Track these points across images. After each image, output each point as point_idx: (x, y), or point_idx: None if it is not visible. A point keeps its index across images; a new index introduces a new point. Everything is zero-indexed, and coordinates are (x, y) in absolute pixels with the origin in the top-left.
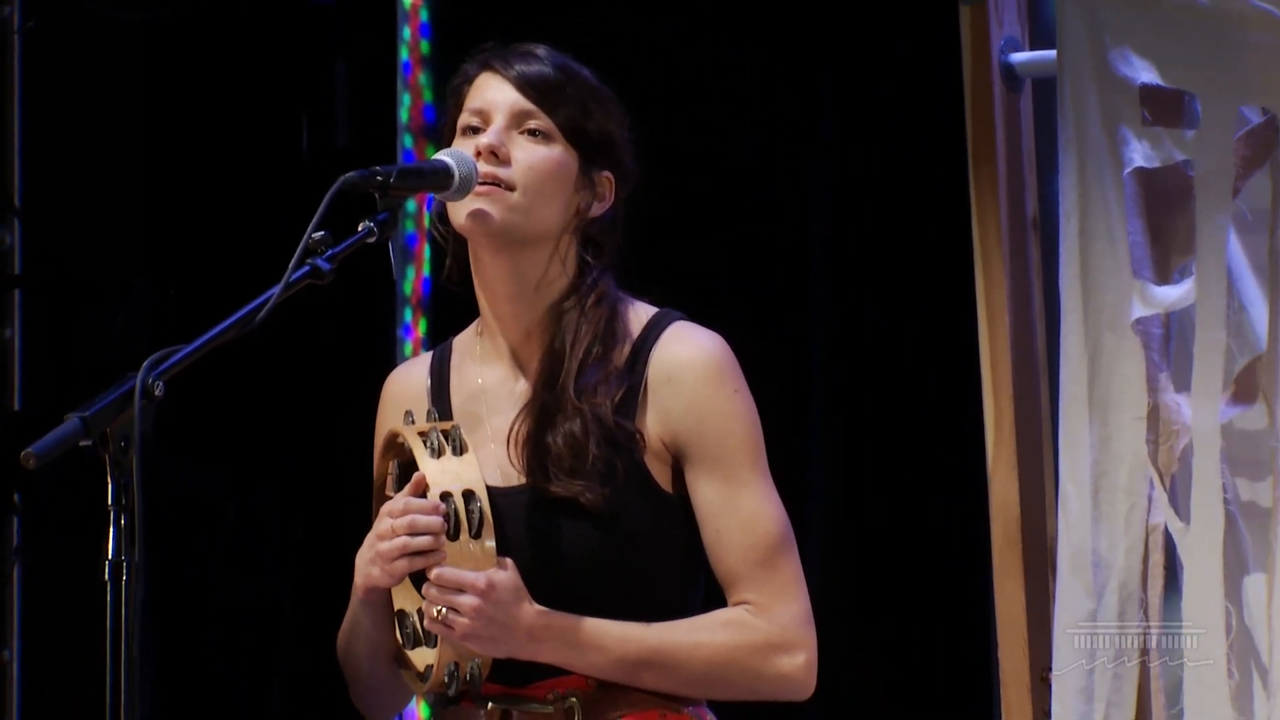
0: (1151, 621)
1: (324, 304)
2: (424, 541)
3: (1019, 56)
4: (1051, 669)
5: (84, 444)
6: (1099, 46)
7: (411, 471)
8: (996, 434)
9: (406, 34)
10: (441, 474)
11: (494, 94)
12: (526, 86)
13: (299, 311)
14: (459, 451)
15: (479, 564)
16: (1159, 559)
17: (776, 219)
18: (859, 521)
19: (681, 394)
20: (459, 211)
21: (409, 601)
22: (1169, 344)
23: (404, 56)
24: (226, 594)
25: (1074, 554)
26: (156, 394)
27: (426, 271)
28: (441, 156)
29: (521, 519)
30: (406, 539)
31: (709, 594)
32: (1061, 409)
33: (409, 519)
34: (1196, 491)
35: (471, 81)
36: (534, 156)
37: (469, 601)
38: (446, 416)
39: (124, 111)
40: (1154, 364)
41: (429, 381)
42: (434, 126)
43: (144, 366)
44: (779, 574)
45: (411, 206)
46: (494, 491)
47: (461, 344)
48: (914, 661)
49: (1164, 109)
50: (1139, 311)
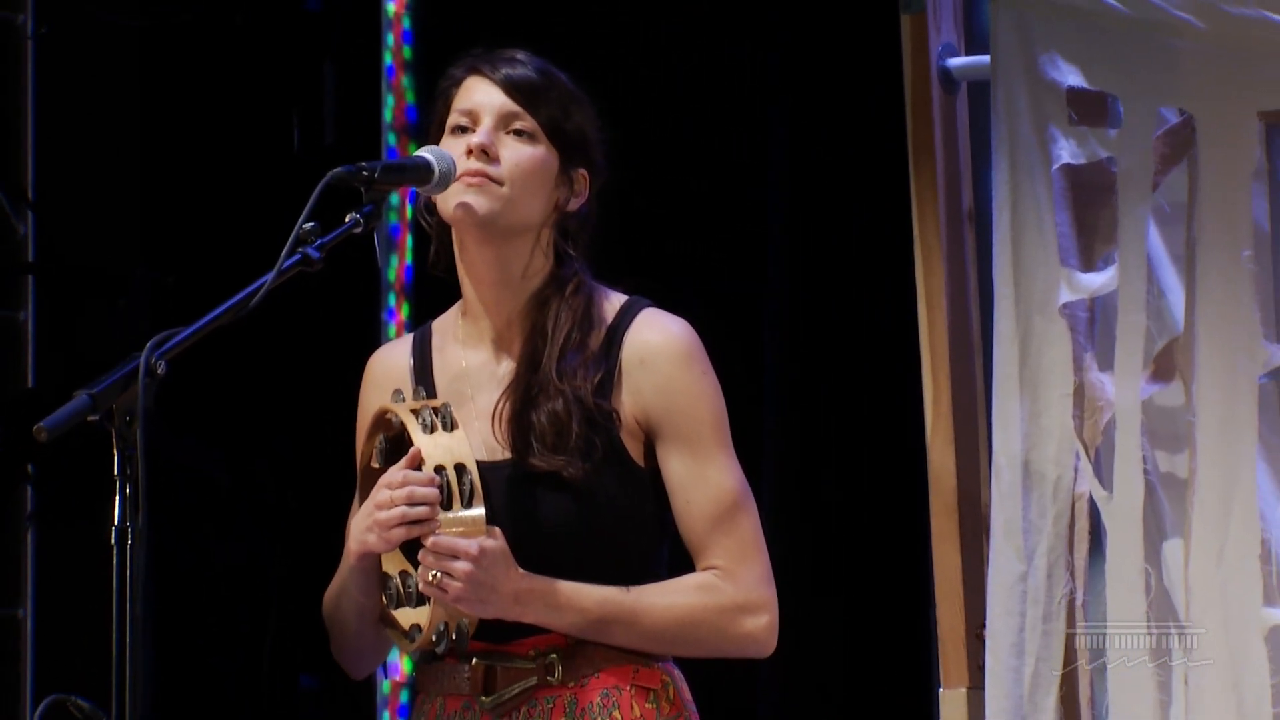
0: (1077, 583)
1: (314, 290)
2: (421, 511)
3: (955, 61)
4: (986, 626)
5: (92, 419)
6: (1029, 52)
7: (398, 447)
8: (934, 410)
9: (390, 40)
10: (435, 448)
11: (482, 96)
12: (513, 89)
13: (291, 297)
14: (450, 428)
15: (469, 533)
16: (1084, 525)
17: (734, 213)
18: (808, 492)
19: (653, 376)
20: (450, 203)
21: (395, 566)
22: (1093, 327)
23: (388, 61)
24: (222, 558)
25: (1006, 521)
26: (159, 372)
27: (409, 260)
28: (422, 153)
29: (506, 491)
30: (405, 509)
31: (676, 561)
32: (995, 387)
33: (408, 490)
34: (1119, 463)
35: (459, 84)
36: (520, 155)
37: (462, 567)
38: (432, 395)
39: (128, 111)
40: (1080, 345)
41: (411, 362)
42: (416, 125)
43: (147, 347)
44: (744, 541)
45: (395, 200)
46: (480, 465)
47: (442, 327)
48: (860, 620)
49: (1089, 110)
50: (1066, 297)
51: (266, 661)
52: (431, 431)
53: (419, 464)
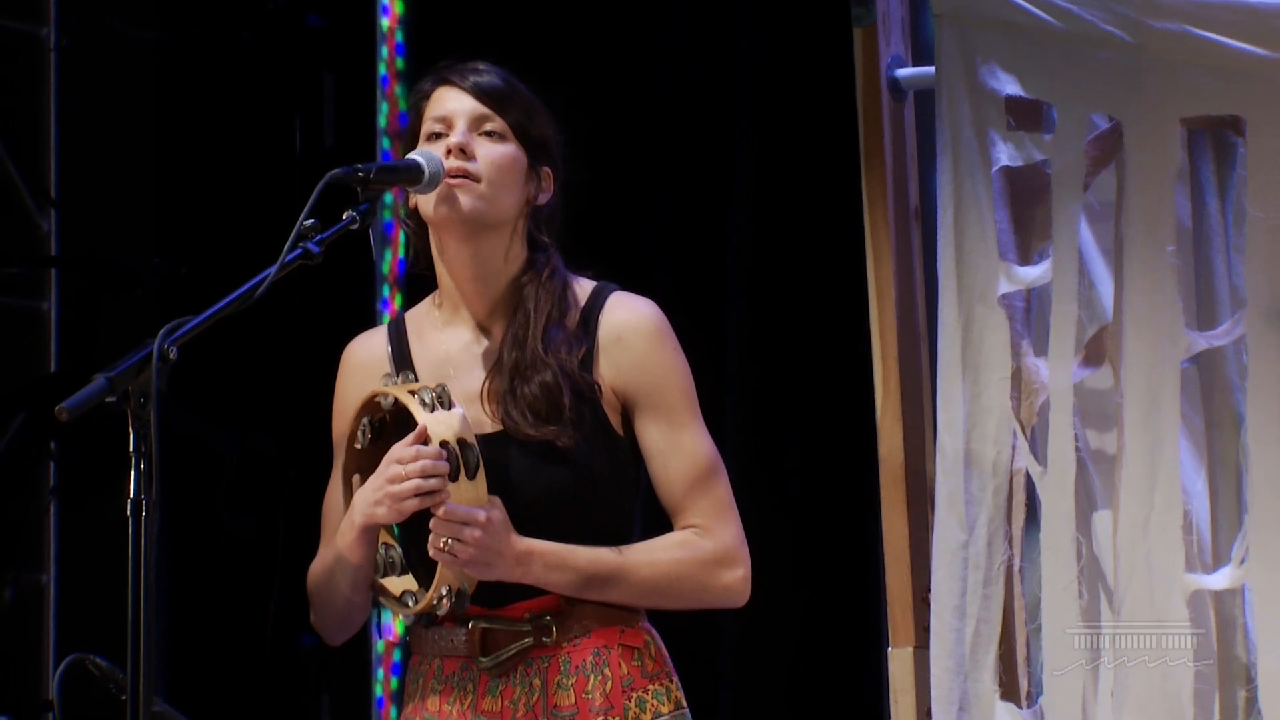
0: (1014, 550)
1: (314, 281)
2: (434, 483)
3: (903, 72)
4: (930, 590)
5: (109, 400)
6: (971, 63)
7: (383, 429)
8: (884, 391)
9: (384, 52)
10: (439, 425)
11: (454, 103)
12: (482, 95)
13: (293, 288)
14: (448, 406)
15: (473, 502)
16: (1021, 498)
17: (699, 208)
18: (768, 467)
19: (629, 352)
20: (431, 203)
21: (383, 537)
22: (1030, 316)
23: (382, 71)
24: (229, 526)
25: (949, 493)
26: (171, 357)
27: (401, 254)
28: (413, 156)
29: (498, 461)
30: (419, 481)
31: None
32: (939, 370)
33: (421, 464)
34: (1052, 441)
35: (429, 96)
36: (494, 153)
37: (473, 534)
38: (417, 379)
39: (143, 116)
40: (1017, 332)
41: (389, 350)
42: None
43: (160, 333)
44: (717, 500)
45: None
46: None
47: (415, 318)
48: (814, 584)
49: (1026, 116)
50: (1004, 288)
51: (270, 622)
52: (432, 410)
53: (425, 440)
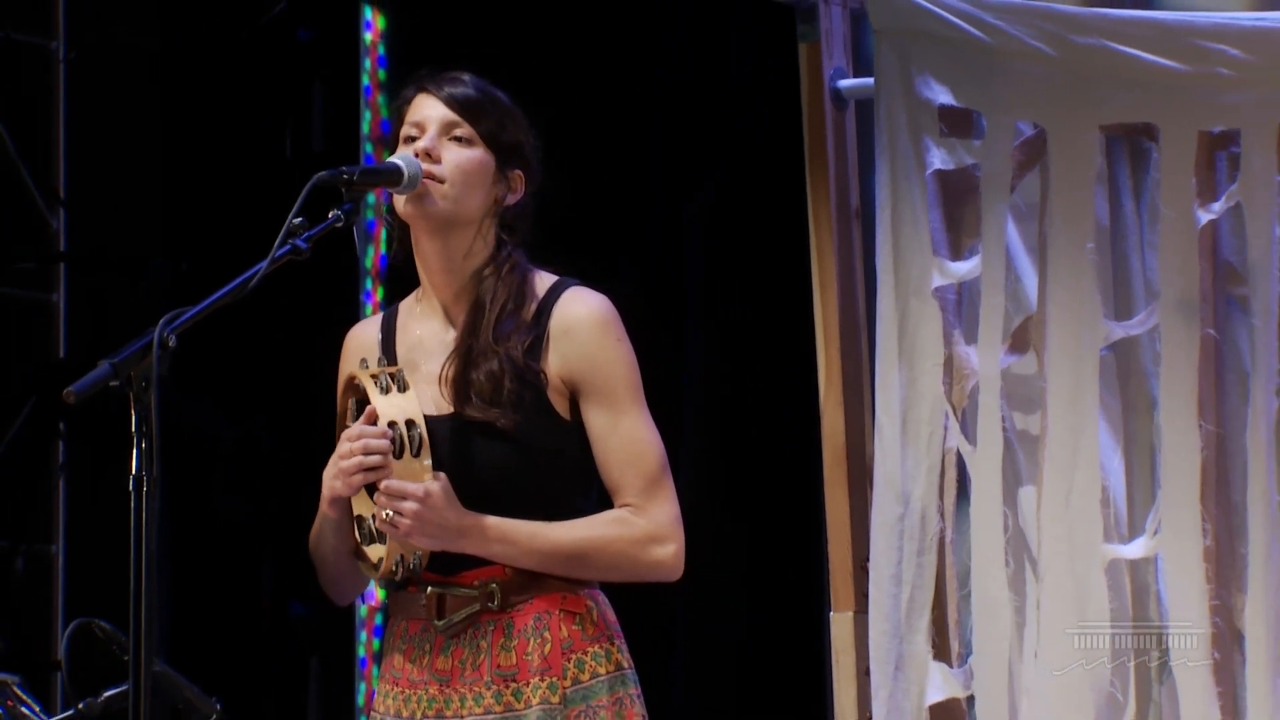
0: (946, 523)
1: (302, 275)
2: (375, 460)
3: (845, 83)
4: (869, 560)
5: (113, 384)
6: (907, 75)
7: (365, 407)
8: (827, 377)
9: (368, 64)
10: (389, 407)
11: (428, 110)
12: (454, 103)
13: (283, 281)
14: (402, 389)
15: (418, 477)
16: (952, 475)
17: (659, 209)
18: (722, 446)
19: (576, 342)
20: (402, 202)
21: (365, 508)
22: (961, 307)
23: (365, 82)
24: (227, 503)
25: (887, 470)
26: (170, 344)
27: (383, 250)
28: (394, 159)
29: (449, 440)
30: (362, 458)
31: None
32: (877, 358)
33: (363, 442)
34: (981, 422)
35: (410, 102)
36: (460, 157)
37: (410, 507)
38: (393, 363)
39: (143, 123)
40: (949, 323)
41: (380, 336)
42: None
43: (160, 322)
44: (654, 483)
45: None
46: (429, 419)
47: (405, 307)
48: (763, 553)
49: (957, 123)
50: (938, 281)
51: (264, 590)
52: (386, 393)
53: (373, 420)
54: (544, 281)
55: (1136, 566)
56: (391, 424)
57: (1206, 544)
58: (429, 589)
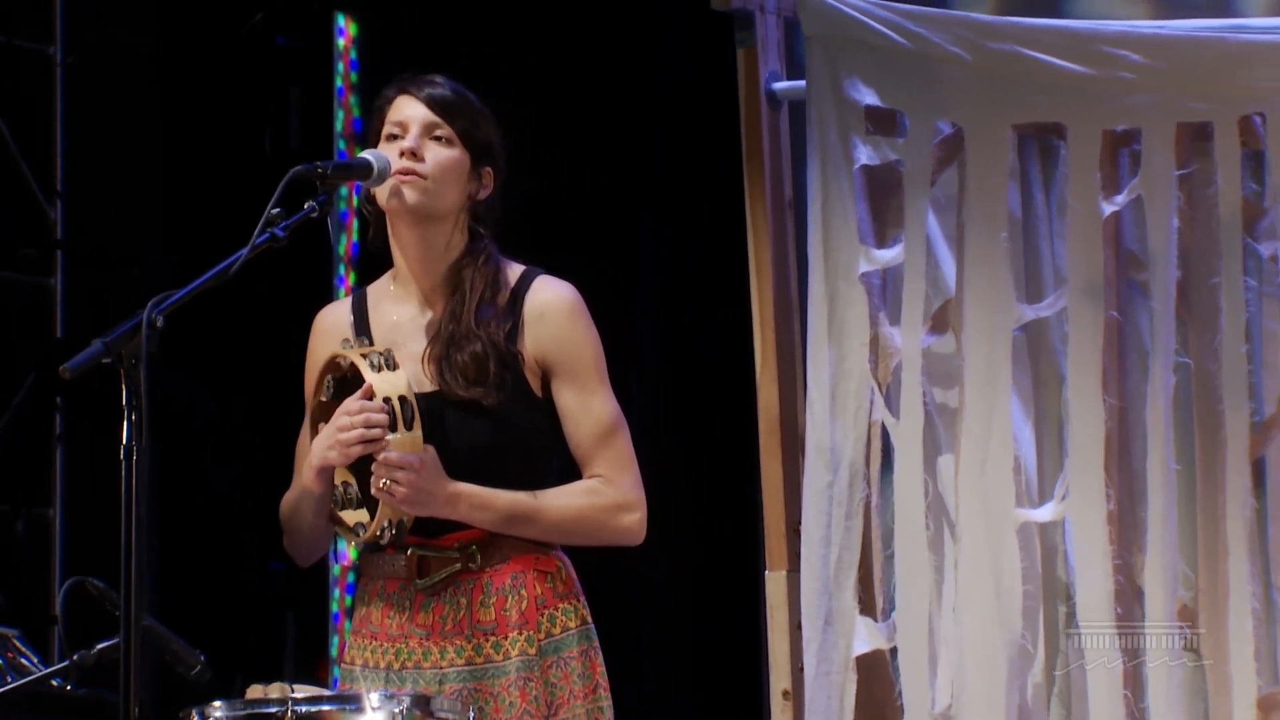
0: (872, 489)
1: (280, 261)
2: (375, 433)
3: (779, 85)
4: (801, 523)
5: (106, 361)
6: (835, 78)
7: (345, 384)
8: (762, 355)
9: (341, 68)
10: (383, 384)
11: (410, 110)
12: (434, 105)
13: (262, 267)
14: (393, 368)
15: (409, 449)
16: (878, 445)
17: (612, 204)
18: (668, 420)
19: (549, 326)
20: (385, 194)
21: (341, 476)
22: (885, 291)
23: (339, 84)
24: (210, 471)
25: (817, 441)
26: (158, 325)
27: (355, 238)
28: (364, 155)
29: (433, 416)
30: (363, 430)
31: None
32: (809, 337)
33: (364, 416)
34: (904, 397)
35: (391, 102)
36: (441, 155)
37: (406, 476)
38: (371, 343)
39: (133, 123)
40: (875, 305)
41: (351, 319)
42: (360, 134)
43: (149, 304)
44: (620, 455)
45: (344, 191)
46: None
47: (375, 290)
48: (706, 515)
49: (882, 123)
50: (864, 268)
51: (244, 551)
52: (379, 371)
53: (370, 396)
54: (514, 271)
55: (1046, 529)
56: (386, 399)
57: (1109, 508)
58: (410, 551)
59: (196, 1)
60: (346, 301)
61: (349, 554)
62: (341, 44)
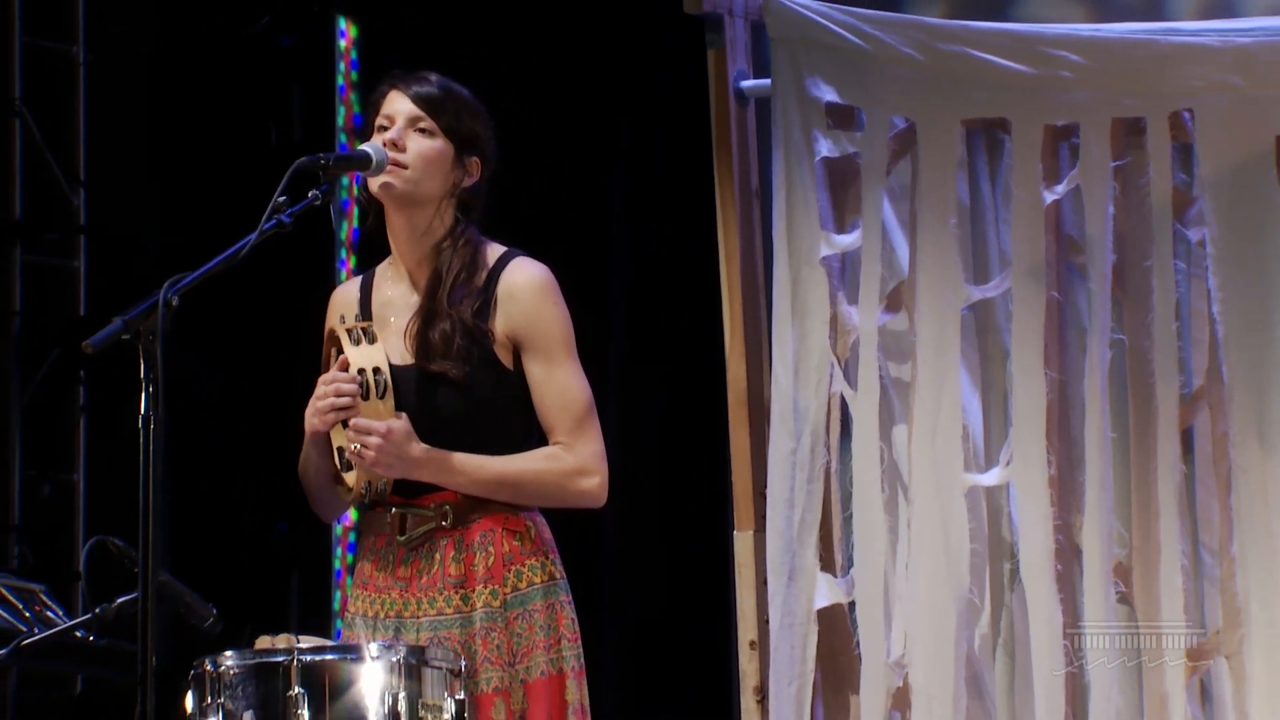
0: (832, 455)
1: (286, 246)
2: (345, 401)
3: (747, 83)
4: (766, 487)
5: (125, 337)
6: (799, 77)
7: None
8: (731, 332)
9: (341, 67)
10: (359, 356)
11: (398, 105)
12: (419, 100)
13: (269, 251)
14: (371, 341)
15: (383, 416)
16: (837, 415)
17: (589, 191)
18: (643, 391)
19: (519, 304)
20: (374, 183)
21: (342, 440)
22: (844, 273)
23: (339, 82)
24: (221, 438)
25: (781, 412)
26: (173, 304)
27: (355, 224)
28: (364, 147)
29: (411, 386)
30: (334, 399)
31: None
32: (774, 316)
33: (335, 386)
34: (861, 370)
35: (384, 96)
36: (422, 146)
37: (374, 441)
38: (369, 318)
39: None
40: (834, 286)
41: (359, 295)
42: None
43: (165, 285)
44: (582, 424)
45: (345, 181)
46: (396, 368)
47: (380, 270)
48: (676, 478)
49: (842, 118)
50: (825, 252)
51: (252, 512)
52: (358, 344)
53: (345, 367)
54: (494, 252)
55: (991, 492)
56: (360, 371)
57: (1050, 473)
58: (393, 510)
59: (207, 6)
60: (357, 280)
61: (351, 515)
62: (342, 45)
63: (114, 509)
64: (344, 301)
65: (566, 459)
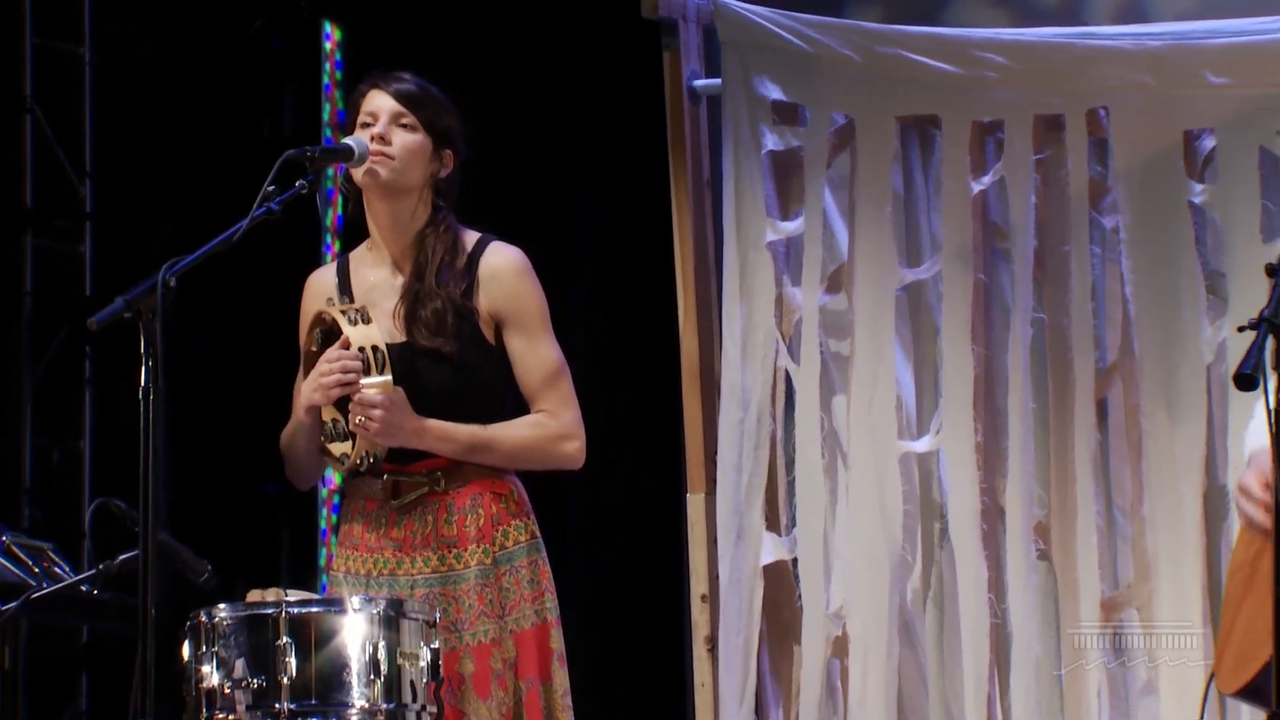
0: (776, 424)
1: (275, 231)
2: (350, 377)
3: (699, 82)
4: (717, 453)
5: (127, 316)
6: (746, 76)
7: (330, 336)
8: (685, 310)
9: (327, 67)
10: (359, 335)
11: (380, 102)
12: (400, 97)
13: (260, 236)
14: (367, 322)
15: (381, 391)
16: (782, 387)
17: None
18: (602, 365)
19: (500, 285)
20: (360, 173)
21: (329, 414)
22: (789, 257)
23: (326, 81)
24: (217, 410)
25: (731, 385)
26: (171, 285)
27: (340, 211)
28: (347, 141)
29: (403, 362)
30: (340, 375)
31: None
32: (724, 296)
33: (341, 363)
34: (804, 346)
35: (365, 95)
36: (406, 140)
37: (378, 414)
38: (352, 302)
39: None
40: (779, 269)
41: (336, 280)
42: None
43: (163, 267)
44: (562, 393)
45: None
46: (386, 346)
47: (356, 257)
48: (636, 445)
49: (786, 114)
50: (771, 237)
51: (245, 476)
52: (355, 325)
53: (347, 346)
54: (470, 237)
55: (923, 458)
56: (360, 349)
57: (977, 440)
58: (386, 476)
59: (204, 10)
60: (332, 266)
61: (334, 479)
62: (328, 47)
63: (117, 474)
64: (321, 286)
65: (550, 425)
